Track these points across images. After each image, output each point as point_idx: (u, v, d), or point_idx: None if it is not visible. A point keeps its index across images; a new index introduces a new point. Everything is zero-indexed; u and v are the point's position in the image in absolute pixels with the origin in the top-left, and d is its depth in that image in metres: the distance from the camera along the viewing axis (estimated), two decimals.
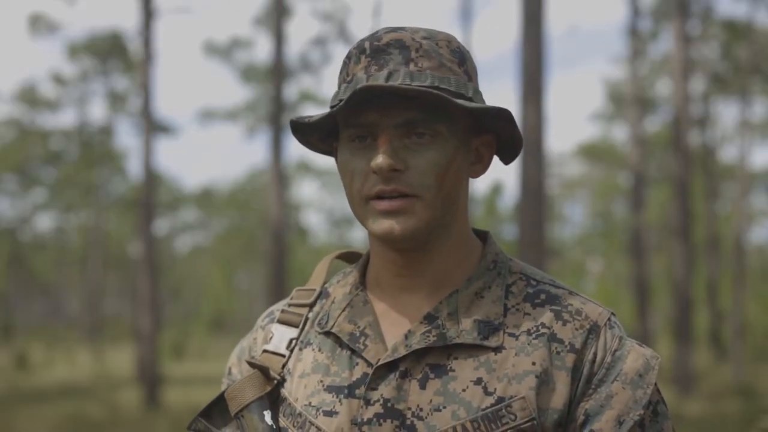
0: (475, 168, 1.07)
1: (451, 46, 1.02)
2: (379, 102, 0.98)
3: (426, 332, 1.00)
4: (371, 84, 0.94)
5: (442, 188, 0.99)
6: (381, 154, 0.97)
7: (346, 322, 1.06)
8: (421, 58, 0.99)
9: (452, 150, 1.00)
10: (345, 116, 1.01)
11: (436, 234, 1.03)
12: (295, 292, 1.16)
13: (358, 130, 1.00)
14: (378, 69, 0.99)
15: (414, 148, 0.98)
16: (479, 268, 1.05)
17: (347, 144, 1.02)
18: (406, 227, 0.98)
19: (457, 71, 1.01)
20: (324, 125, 1.06)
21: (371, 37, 1.02)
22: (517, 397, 0.95)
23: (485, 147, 1.07)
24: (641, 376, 0.98)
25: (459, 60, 1.02)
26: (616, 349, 0.99)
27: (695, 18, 16.55)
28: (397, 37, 1.00)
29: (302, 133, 1.08)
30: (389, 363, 0.99)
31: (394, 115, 0.98)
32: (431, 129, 0.98)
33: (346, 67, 1.03)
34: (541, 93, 8.26)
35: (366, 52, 1.00)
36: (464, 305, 1.02)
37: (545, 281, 1.05)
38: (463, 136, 1.02)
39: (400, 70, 0.98)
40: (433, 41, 1.01)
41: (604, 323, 1.01)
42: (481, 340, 0.98)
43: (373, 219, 0.99)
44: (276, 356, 1.10)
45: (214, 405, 1.12)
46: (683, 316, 12.16)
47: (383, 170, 0.96)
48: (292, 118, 1.05)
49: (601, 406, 0.96)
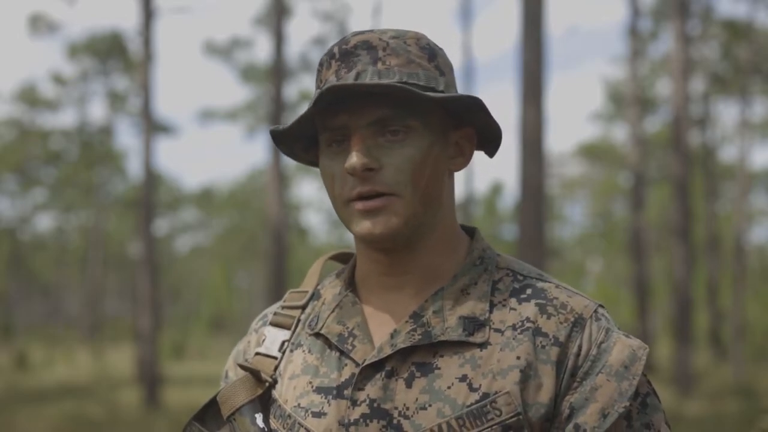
0: (456, 161, 1.06)
1: (420, 43, 1.02)
2: (351, 103, 0.98)
3: (411, 331, 1.00)
4: (335, 84, 0.94)
5: (419, 184, 0.99)
6: (354, 153, 0.97)
7: (335, 323, 1.06)
8: (388, 57, 0.99)
9: (427, 145, 0.99)
10: (320, 121, 1.01)
11: (419, 231, 1.02)
12: (288, 294, 1.15)
13: (333, 134, 1.00)
14: (347, 71, 0.99)
15: (388, 146, 0.98)
16: (465, 265, 1.05)
17: (325, 149, 1.02)
18: (385, 226, 0.98)
19: (427, 66, 1.01)
20: (304, 134, 1.06)
21: (340, 41, 1.02)
22: (502, 392, 0.95)
23: (465, 140, 1.06)
24: (627, 368, 0.96)
25: (429, 56, 1.02)
26: (602, 341, 0.98)
27: (695, 18, 16.57)
28: (364, 39, 1.00)
29: (285, 144, 1.08)
30: (375, 363, 0.99)
31: (366, 114, 0.98)
32: (404, 125, 0.98)
33: (319, 74, 1.03)
34: (541, 93, 8.26)
35: (335, 57, 1.01)
36: (450, 302, 1.01)
37: (532, 276, 1.05)
38: (439, 130, 1.02)
39: (368, 69, 0.98)
40: (401, 40, 1.01)
41: (590, 315, 1.00)
42: (467, 336, 0.98)
43: (355, 221, 0.99)
44: (268, 359, 1.10)
45: (207, 408, 1.12)
46: (683, 316, 12.16)
47: (357, 170, 0.96)
48: (270, 128, 1.05)
49: (585, 399, 0.95)
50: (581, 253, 36.13)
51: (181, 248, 41.58)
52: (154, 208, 13.65)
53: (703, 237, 20.61)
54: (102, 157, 26.75)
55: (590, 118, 32.64)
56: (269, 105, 14.45)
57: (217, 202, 35.90)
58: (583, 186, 33.22)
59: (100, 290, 29.78)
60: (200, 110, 27.14)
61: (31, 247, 33.66)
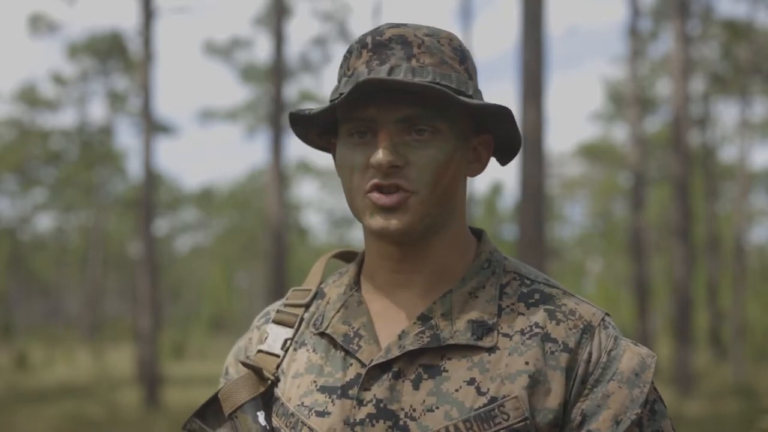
0: (473, 167, 1.06)
1: (453, 44, 1.02)
2: (380, 97, 0.97)
3: (419, 333, 0.99)
4: (375, 77, 0.93)
5: (438, 185, 0.99)
6: (381, 149, 0.96)
7: (341, 323, 1.05)
8: (423, 54, 0.98)
9: (452, 148, 1.00)
10: (345, 110, 1.00)
11: (432, 230, 1.02)
12: (291, 292, 1.15)
13: (358, 125, 0.99)
14: (379, 63, 0.98)
15: (413, 144, 0.98)
16: (473, 267, 1.04)
17: (346, 139, 1.01)
18: (401, 223, 0.98)
19: (458, 69, 1.01)
20: (323, 120, 1.05)
21: (373, 32, 1.01)
22: (510, 396, 0.95)
23: (483, 146, 1.07)
24: (637, 375, 0.97)
25: (460, 58, 1.02)
26: (611, 349, 0.99)
27: (695, 18, 16.57)
28: (400, 33, 0.99)
29: (301, 126, 1.08)
30: (382, 363, 0.99)
31: (395, 110, 0.97)
32: (431, 125, 0.98)
33: (346, 61, 1.02)
34: (541, 93, 8.26)
35: (368, 47, 1.00)
36: (458, 305, 1.01)
37: (539, 280, 1.05)
38: (462, 134, 1.02)
39: (401, 65, 0.98)
40: (435, 38, 1.00)
41: (598, 323, 1.00)
42: (475, 340, 0.98)
43: (371, 213, 0.99)
44: (270, 356, 1.09)
45: (208, 405, 1.11)
46: (683, 316, 12.16)
47: (383, 166, 0.96)
48: (292, 111, 1.05)
49: (597, 406, 0.95)
50: (581, 253, 36.13)
51: (181, 248, 41.58)
52: (154, 208, 13.65)
53: (703, 237, 20.61)
54: (102, 157, 26.75)
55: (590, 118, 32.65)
56: (269, 105, 14.45)
57: (217, 202, 35.90)
58: (583, 186, 33.21)
59: (100, 290, 29.78)
60: (200, 110, 27.15)
61: (31, 247, 33.66)
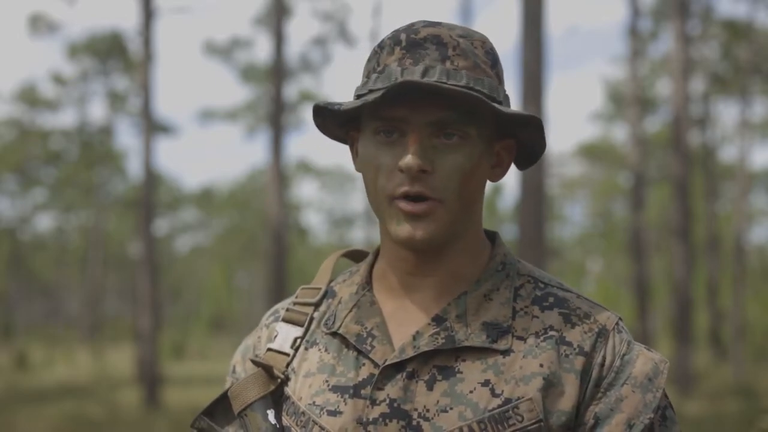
0: (495, 172, 1.05)
1: (486, 47, 1.01)
2: (412, 98, 0.96)
3: (434, 334, 0.99)
4: (412, 80, 0.91)
5: (464, 193, 0.98)
6: (411, 153, 0.95)
7: (353, 322, 1.05)
8: (457, 57, 0.97)
9: (478, 154, 0.99)
10: (373, 107, 0.98)
11: (452, 236, 1.02)
12: (300, 290, 1.14)
13: (386, 124, 0.98)
14: (413, 63, 0.97)
15: (441, 148, 0.97)
16: (488, 270, 1.04)
17: (371, 137, 1.00)
18: (426, 232, 0.97)
19: (490, 73, 1.00)
20: (345, 112, 1.04)
21: (407, 29, 1.00)
22: (524, 398, 0.95)
23: (506, 151, 1.06)
24: (651, 380, 0.98)
25: (492, 62, 1.01)
26: (625, 353, 0.99)
27: (695, 18, 16.56)
28: (435, 33, 0.98)
29: (323, 117, 1.07)
30: (396, 363, 0.99)
31: (427, 112, 0.96)
32: (461, 130, 0.97)
33: (377, 56, 1.00)
34: (541, 93, 8.26)
35: (401, 44, 0.98)
36: (473, 307, 1.01)
37: (553, 284, 1.05)
38: (488, 139, 1.01)
39: (436, 66, 0.96)
40: (469, 40, 0.99)
41: (613, 327, 1.00)
42: (490, 343, 0.98)
43: (397, 221, 0.98)
44: (280, 355, 1.09)
45: (217, 403, 1.11)
46: (683, 316, 12.16)
47: (412, 170, 0.94)
48: (318, 103, 1.03)
49: (611, 409, 0.96)
50: (581, 253, 36.13)
51: (181, 248, 41.57)
52: (154, 208, 13.65)
53: (703, 237, 20.61)
54: (102, 157, 26.74)
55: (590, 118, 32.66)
56: (269, 105, 14.45)
57: (217, 202, 35.88)
58: (583, 186, 33.21)
59: (100, 290, 29.78)
60: (200, 110, 27.15)
61: (31, 247, 33.64)
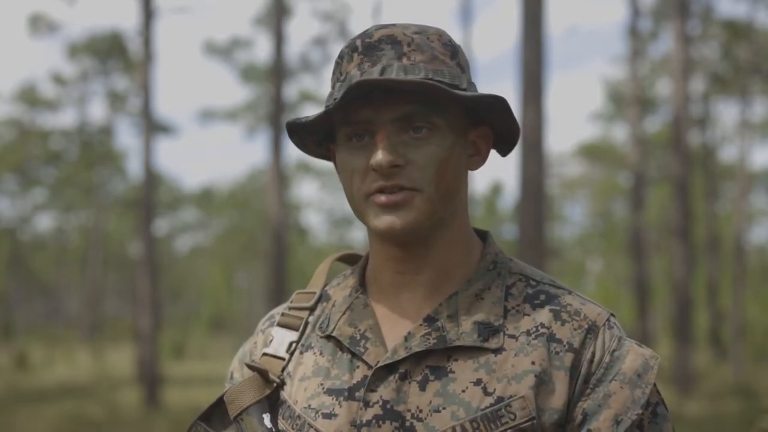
0: (474, 160, 1.06)
1: (443, 40, 1.02)
2: (375, 98, 0.97)
3: (426, 334, 1.00)
4: (366, 78, 0.93)
5: (442, 182, 0.99)
6: (380, 150, 0.96)
7: (347, 325, 1.05)
8: (413, 52, 0.98)
9: (450, 143, 1.00)
10: (341, 115, 1.00)
11: (435, 228, 1.02)
12: (295, 295, 1.15)
13: (355, 128, 0.99)
14: (371, 65, 0.98)
15: (412, 142, 0.98)
16: (479, 269, 1.05)
17: (345, 143, 1.01)
18: (407, 221, 0.98)
19: (450, 63, 1.01)
20: (320, 127, 1.05)
21: (362, 34, 1.01)
22: (517, 396, 0.95)
23: (482, 139, 1.06)
24: (640, 376, 0.97)
25: (451, 53, 1.02)
26: (615, 349, 0.99)
27: (695, 18, 16.56)
28: (389, 33, 0.99)
29: (299, 136, 1.08)
30: (389, 365, 0.99)
31: (391, 110, 0.97)
32: (428, 122, 0.98)
33: (338, 67, 1.02)
34: (541, 93, 8.26)
35: (358, 50, 1.00)
36: (464, 307, 1.01)
37: (545, 281, 1.05)
38: (460, 128, 1.02)
39: (393, 64, 0.98)
40: (425, 35, 1.00)
41: (603, 323, 1.00)
42: (481, 342, 0.98)
43: (375, 214, 0.99)
44: (276, 359, 1.09)
45: (213, 408, 1.11)
46: (683, 316, 12.16)
47: (383, 167, 0.96)
48: (288, 120, 1.04)
49: (599, 405, 0.96)
50: (581, 253, 36.12)
51: (181, 248, 41.57)
52: (154, 208, 13.65)
53: (703, 237, 20.61)
54: (102, 157, 26.73)
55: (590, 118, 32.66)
56: (269, 105, 14.45)
57: (217, 202, 35.88)
58: (583, 186, 33.21)
59: (100, 290, 29.78)
60: (200, 110, 27.14)
61: (31, 247, 33.65)
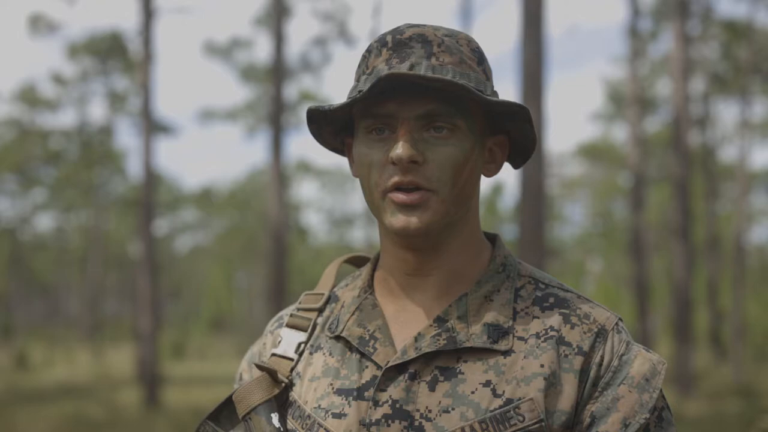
0: (489, 167, 1.07)
1: (471, 45, 1.03)
2: (400, 93, 0.98)
3: (436, 335, 1.00)
4: (397, 71, 0.94)
5: (457, 184, 0.99)
6: (401, 143, 0.97)
7: (356, 326, 1.06)
8: (442, 53, 0.99)
9: (469, 146, 1.00)
10: (364, 107, 1.01)
11: (447, 230, 1.03)
12: (304, 296, 1.16)
13: (377, 121, 1.00)
14: (400, 61, 0.99)
15: (432, 141, 0.98)
16: (488, 271, 1.05)
17: (364, 136, 1.02)
18: (422, 222, 0.98)
19: (477, 69, 1.02)
20: (339, 118, 1.06)
21: (393, 31, 1.02)
22: (526, 398, 0.96)
23: (498, 147, 1.07)
24: (648, 381, 0.98)
25: (478, 59, 1.03)
26: (623, 353, 1.00)
27: (695, 18, 16.56)
28: (420, 32, 1.00)
29: (318, 124, 1.08)
30: (399, 365, 1.00)
31: (415, 106, 0.98)
32: (450, 123, 0.99)
33: (365, 60, 1.03)
34: (541, 93, 8.26)
35: (388, 45, 1.01)
36: (474, 308, 1.02)
37: (553, 285, 1.06)
38: (479, 134, 1.03)
39: (422, 62, 0.98)
40: (454, 39, 1.01)
41: (612, 327, 1.01)
42: (491, 344, 0.99)
43: (391, 213, 0.99)
44: (284, 360, 1.10)
45: (222, 408, 1.12)
46: (683, 316, 12.16)
47: (403, 160, 0.96)
48: (310, 107, 1.04)
49: (607, 408, 0.96)
50: (581, 253, 36.13)
51: (181, 248, 41.59)
52: (154, 208, 13.65)
53: (703, 237, 20.61)
54: (102, 157, 26.72)
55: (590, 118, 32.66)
56: (269, 105, 14.45)
57: (217, 202, 35.89)
58: (583, 186, 33.22)
59: (100, 290, 29.77)
60: (200, 110, 27.14)
61: (31, 247, 33.65)
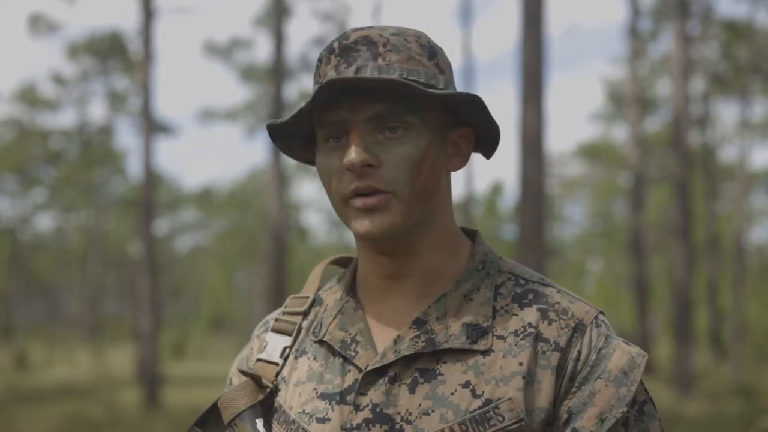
0: (454, 161, 1.05)
1: (420, 41, 1.02)
2: (350, 98, 0.97)
3: (415, 337, 1.00)
4: (336, 77, 0.93)
5: (417, 182, 0.98)
6: (352, 148, 0.96)
7: (338, 329, 1.06)
8: (388, 53, 0.99)
9: (426, 143, 0.99)
10: (319, 116, 1.00)
11: (416, 231, 1.02)
12: (289, 300, 1.15)
13: (331, 129, 0.99)
14: (347, 66, 0.99)
15: (387, 143, 0.98)
16: (468, 269, 1.04)
17: (323, 145, 1.01)
18: (383, 225, 0.97)
19: (427, 64, 1.01)
20: (302, 130, 1.05)
21: (340, 37, 1.02)
22: (505, 398, 0.95)
23: (463, 139, 1.06)
24: (626, 374, 0.97)
25: (429, 54, 1.01)
26: (602, 347, 0.98)
27: (695, 18, 16.57)
28: (365, 35, 1.00)
29: (282, 140, 1.08)
30: (378, 368, 0.99)
31: (364, 109, 0.97)
32: (403, 121, 0.97)
33: (318, 69, 1.03)
34: (541, 93, 8.26)
35: (335, 52, 1.00)
36: (453, 309, 1.01)
37: (534, 280, 1.05)
38: (437, 128, 1.01)
39: (368, 65, 0.98)
40: (402, 36, 1.00)
41: (591, 321, 1.00)
42: (470, 344, 0.98)
43: (355, 218, 0.99)
44: (269, 365, 1.09)
45: (209, 414, 1.11)
46: (683, 316, 12.16)
47: (355, 165, 0.96)
48: (268, 123, 1.04)
49: (583, 403, 0.95)
50: (581, 253, 36.13)
51: (181, 248, 41.60)
52: (154, 208, 13.65)
53: (703, 237, 20.61)
54: (102, 157, 26.73)
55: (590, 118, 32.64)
56: (269, 105, 14.45)
57: (217, 202, 35.89)
58: (583, 186, 33.22)
59: (100, 290, 29.78)
60: (200, 110, 27.14)
61: (31, 247, 33.66)
